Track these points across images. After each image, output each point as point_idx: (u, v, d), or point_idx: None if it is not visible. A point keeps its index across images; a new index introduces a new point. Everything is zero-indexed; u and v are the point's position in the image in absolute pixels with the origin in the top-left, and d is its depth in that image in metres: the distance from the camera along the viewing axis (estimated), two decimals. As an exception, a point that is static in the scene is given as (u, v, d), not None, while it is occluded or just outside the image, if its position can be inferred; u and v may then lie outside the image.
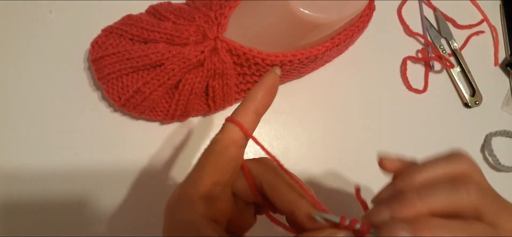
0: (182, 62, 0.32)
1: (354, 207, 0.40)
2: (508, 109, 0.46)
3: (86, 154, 0.36)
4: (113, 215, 0.36)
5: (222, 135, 0.23)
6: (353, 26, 0.37)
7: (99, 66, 0.34)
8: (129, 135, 0.38)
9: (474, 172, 0.23)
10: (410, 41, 0.47)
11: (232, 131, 0.23)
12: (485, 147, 0.44)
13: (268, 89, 0.24)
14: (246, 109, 0.24)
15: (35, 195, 0.35)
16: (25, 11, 0.39)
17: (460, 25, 0.48)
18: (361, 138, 0.42)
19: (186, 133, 0.39)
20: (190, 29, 0.33)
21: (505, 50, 0.49)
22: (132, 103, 0.34)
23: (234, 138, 0.23)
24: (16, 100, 0.37)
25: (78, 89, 0.38)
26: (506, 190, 0.44)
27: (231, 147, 0.23)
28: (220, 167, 0.23)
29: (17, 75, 0.37)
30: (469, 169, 0.23)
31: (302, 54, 0.34)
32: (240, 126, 0.23)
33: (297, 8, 0.30)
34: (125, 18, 0.35)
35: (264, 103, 0.24)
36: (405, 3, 0.47)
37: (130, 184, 0.36)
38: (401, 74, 0.45)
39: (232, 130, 0.23)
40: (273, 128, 0.41)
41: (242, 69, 0.35)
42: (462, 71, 0.46)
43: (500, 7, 0.50)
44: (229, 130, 0.23)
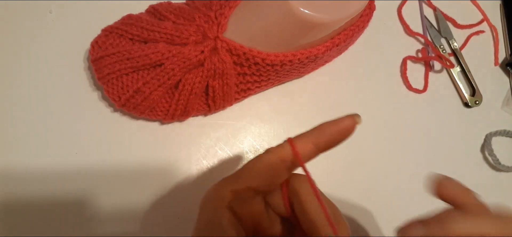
0: (182, 62, 0.32)
1: (354, 207, 0.40)
2: (508, 109, 0.46)
3: (86, 154, 0.36)
4: (113, 215, 0.36)
5: (276, 149, 0.24)
6: (353, 26, 0.37)
7: (99, 66, 0.34)
8: (129, 135, 0.38)
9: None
10: (410, 40, 0.47)
11: (285, 151, 0.23)
12: (485, 147, 0.44)
13: (340, 130, 0.23)
14: (308, 139, 0.23)
15: (35, 195, 0.35)
16: (25, 11, 0.39)
17: (460, 25, 0.48)
18: (360, 137, 0.42)
19: (186, 133, 0.39)
20: (190, 29, 0.33)
21: (505, 49, 0.49)
22: (132, 103, 0.34)
23: (284, 157, 0.23)
24: (16, 100, 0.37)
25: (78, 89, 0.38)
26: (506, 190, 0.44)
27: (278, 164, 0.23)
28: (260, 177, 0.23)
29: (17, 75, 0.37)
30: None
31: (302, 54, 0.34)
32: (294, 152, 0.23)
33: (297, 8, 0.30)
34: (125, 18, 0.35)
35: (330, 141, 0.23)
36: (405, 3, 0.47)
37: (130, 184, 0.36)
38: (401, 74, 0.45)
39: (286, 150, 0.23)
40: (273, 128, 0.41)
41: (242, 69, 0.35)
42: (462, 70, 0.46)
43: (500, 6, 0.50)
44: (284, 149, 0.23)
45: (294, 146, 0.23)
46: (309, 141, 0.23)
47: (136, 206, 0.36)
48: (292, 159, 0.23)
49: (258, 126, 0.40)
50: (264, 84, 0.37)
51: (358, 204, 0.40)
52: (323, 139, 0.23)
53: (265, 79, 0.36)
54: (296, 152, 0.23)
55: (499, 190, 0.44)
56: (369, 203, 0.40)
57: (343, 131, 0.23)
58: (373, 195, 0.40)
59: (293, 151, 0.23)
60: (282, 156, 0.23)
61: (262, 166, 0.23)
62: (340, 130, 0.23)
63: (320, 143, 0.23)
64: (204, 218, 0.23)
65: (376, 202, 0.40)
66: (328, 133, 0.23)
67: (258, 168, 0.23)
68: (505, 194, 0.44)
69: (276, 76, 0.37)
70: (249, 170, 0.24)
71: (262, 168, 0.23)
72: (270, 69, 0.35)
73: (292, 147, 0.23)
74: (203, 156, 0.38)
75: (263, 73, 0.35)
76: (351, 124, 0.23)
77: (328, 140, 0.23)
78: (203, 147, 0.39)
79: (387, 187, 0.41)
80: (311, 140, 0.23)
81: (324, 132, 0.23)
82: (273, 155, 0.23)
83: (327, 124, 0.23)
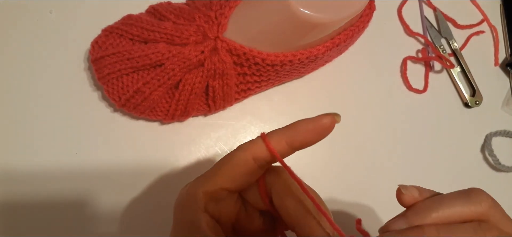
0: (182, 62, 0.33)
1: (353, 207, 0.40)
2: (508, 109, 0.46)
3: (86, 154, 0.36)
4: (113, 215, 0.36)
5: (247, 145, 0.22)
6: (353, 26, 0.37)
7: (99, 66, 0.34)
8: (129, 135, 0.38)
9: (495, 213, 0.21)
10: (410, 41, 0.47)
11: (258, 147, 0.22)
12: (485, 147, 0.44)
13: (317, 128, 0.22)
14: (282, 136, 0.22)
15: (35, 195, 0.35)
16: (25, 11, 0.39)
17: (460, 25, 0.48)
18: (360, 137, 0.42)
19: (186, 133, 0.39)
20: (190, 29, 0.33)
21: (505, 50, 0.49)
22: (132, 103, 0.34)
23: (257, 154, 0.22)
24: (16, 100, 0.37)
25: (78, 89, 0.38)
26: (506, 190, 0.44)
27: (251, 161, 0.22)
28: (233, 176, 0.22)
29: (17, 75, 0.37)
30: (489, 211, 0.21)
31: (302, 54, 0.34)
32: (268, 147, 0.22)
33: (297, 8, 0.30)
34: (125, 18, 0.35)
35: (305, 139, 0.22)
36: (405, 3, 0.47)
37: (130, 184, 0.36)
38: (401, 74, 0.45)
39: (259, 146, 0.22)
40: (273, 128, 0.40)
41: (242, 69, 0.35)
42: (462, 71, 0.46)
43: (500, 7, 0.50)
44: (256, 144, 0.22)
45: (268, 143, 0.22)
46: (283, 139, 0.22)
47: (136, 206, 0.36)
48: (265, 157, 0.22)
49: (258, 126, 0.40)
50: (264, 84, 0.37)
51: (357, 204, 0.40)
52: (298, 138, 0.22)
53: (265, 79, 0.36)
54: (271, 149, 0.22)
55: (499, 190, 0.44)
56: (368, 203, 0.40)
57: (320, 130, 0.22)
58: (373, 195, 0.40)
59: (268, 148, 0.22)
60: (255, 153, 0.22)
61: (234, 166, 0.22)
62: (316, 129, 0.21)
63: (294, 141, 0.22)
64: (181, 221, 0.22)
65: (375, 202, 0.40)
66: (303, 131, 0.22)
67: (230, 167, 0.22)
68: (505, 194, 0.44)
69: (276, 76, 0.37)
70: (222, 170, 0.22)
71: (235, 167, 0.22)
72: (270, 69, 0.35)
73: (267, 144, 0.22)
74: (203, 156, 0.38)
75: (263, 73, 0.35)
76: (329, 123, 0.22)
77: (303, 139, 0.22)
78: (203, 147, 0.39)
79: (387, 187, 0.41)
80: (284, 138, 0.22)
81: (299, 130, 0.22)
82: (245, 152, 0.22)
83: (303, 121, 0.22)
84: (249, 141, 0.23)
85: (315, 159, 0.40)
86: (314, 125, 0.21)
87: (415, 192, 0.23)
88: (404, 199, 0.23)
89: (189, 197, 0.23)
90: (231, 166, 0.22)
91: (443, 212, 0.21)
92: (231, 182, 0.23)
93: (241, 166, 0.22)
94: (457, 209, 0.21)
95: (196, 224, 0.21)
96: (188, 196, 0.23)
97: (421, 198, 0.23)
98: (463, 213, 0.21)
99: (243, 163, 0.22)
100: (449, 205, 0.21)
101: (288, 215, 0.22)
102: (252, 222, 0.25)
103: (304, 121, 0.22)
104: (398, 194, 0.23)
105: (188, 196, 0.23)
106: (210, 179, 0.23)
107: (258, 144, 0.22)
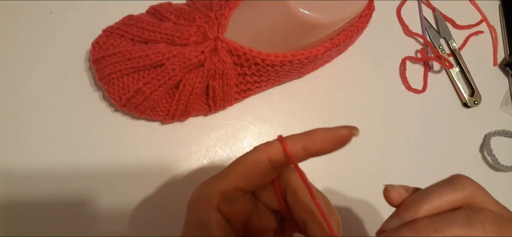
0: (183, 62, 0.33)
1: (353, 207, 0.40)
2: (507, 109, 0.46)
3: (87, 154, 0.37)
4: (113, 215, 0.36)
5: (263, 147, 0.23)
6: (352, 27, 0.37)
7: (100, 66, 0.34)
8: (130, 135, 0.38)
9: (480, 195, 0.22)
10: (409, 41, 0.47)
11: (274, 149, 0.22)
12: (484, 146, 0.44)
13: (333, 139, 0.22)
14: (299, 141, 0.22)
15: (35, 195, 0.35)
16: (26, 11, 0.39)
17: (459, 25, 0.48)
18: (360, 138, 0.42)
19: (186, 133, 0.39)
20: (191, 29, 0.33)
21: (504, 50, 0.49)
22: (133, 103, 0.34)
23: (272, 156, 0.22)
24: (16, 100, 0.37)
25: (79, 90, 0.38)
26: (505, 190, 0.44)
27: (266, 163, 0.22)
28: (247, 177, 0.23)
29: (17, 75, 0.37)
30: (474, 193, 0.22)
31: (301, 54, 0.34)
32: (285, 149, 0.22)
33: (297, 9, 0.30)
34: (126, 19, 0.35)
35: (320, 148, 0.22)
36: (405, 4, 0.47)
37: (131, 184, 0.37)
38: (400, 74, 0.45)
39: (275, 149, 0.22)
40: (273, 128, 0.41)
41: (242, 69, 0.35)
42: (461, 71, 0.46)
43: (499, 7, 0.50)
44: (272, 146, 0.22)
45: (286, 146, 0.22)
46: (299, 144, 0.22)
47: (137, 206, 0.36)
48: (280, 159, 0.22)
49: (258, 126, 0.40)
50: (264, 84, 0.38)
51: (356, 204, 0.40)
52: (314, 145, 0.22)
53: (265, 79, 0.36)
54: (288, 151, 0.22)
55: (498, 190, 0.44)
56: (367, 203, 0.40)
57: (336, 141, 0.22)
58: (372, 195, 0.40)
59: (285, 150, 0.22)
60: (271, 155, 0.22)
61: (249, 166, 0.23)
62: (333, 139, 0.22)
63: (311, 148, 0.22)
64: (192, 219, 0.23)
65: (375, 202, 0.40)
66: (320, 140, 0.22)
67: (245, 168, 0.23)
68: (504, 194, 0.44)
69: (276, 76, 0.37)
70: (236, 169, 0.23)
71: (250, 168, 0.23)
72: (270, 70, 0.35)
73: (284, 146, 0.22)
74: (203, 156, 0.39)
75: (263, 74, 0.35)
76: (347, 136, 0.22)
77: (319, 147, 0.22)
78: (203, 147, 0.39)
79: (387, 186, 0.41)
80: (301, 144, 0.22)
81: (316, 138, 0.22)
82: (261, 154, 0.22)
83: (321, 130, 0.22)
84: (265, 143, 0.23)
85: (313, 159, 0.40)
86: (331, 135, 0.22)
87: (401, 189, 0.23)
88: (392, 196, 0.23)
89: (202, 196, 0.23)
90: (246, 166, 0.23)
91: (432, 203, 0.21)
92: (245, 182, 0.23)
93: (256, 167, 0.22)
94: (446, 198, 0.21)
95: (206, 222, 0.21)
96: (201, 195, 0.23)
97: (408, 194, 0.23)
98: (452, 200, 0.21)
99: (258, 164, 0.22)
100: (437, 195, 0.21)
101: (302, 213, 0.22)
102: (263, 222, 0.25)
103: (322, 130, 0.22)
104: (385, 194, 0.23)
105: (201, 195, 0.23)
106: (224, 178, 0.23)
107: (274, 146, 0.22)
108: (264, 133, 0.40)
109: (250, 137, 0.40)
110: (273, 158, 0.22)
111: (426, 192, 0.22)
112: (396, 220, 0.22)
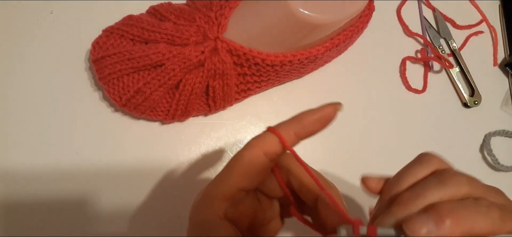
0: (183, 62, 0.33)
1: (352, 207, 0.40)
2: (507, 109, 0.46)
3: (87, 154, 0.37)
4: (113, 215, 0.36)
5: (256, 142, 0.23)
6: (352, 27, 0.37)
7: (100, 66, 0.34)
8: (130, 135, 0.38)
9: (444, 165, 0.23)
10: (409, 41, 0.47)
11: (268, 142, 0.22)
12: (484, 146, 0.44)
13: (321, 118, 0.23)
14: (289, 127, 0.23)
15: (35, 195, 0.35)
16: (26, 12, 0.39)
17: (459, 25, 0.48)
18: (360, 138, 0.42)
19: (186, 133, 0.39)
20: (191, 29, 0.33)
21: (504, 50, 0.49)
22: (133, 103, 0.35)
23: (267, 149, 0.23)
24: (17, 100, 0.37)
25: (79, 90, 0.38)
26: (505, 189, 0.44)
27: (262, 157, 0.23)
28: (248, 175, 0.23)
29: (18, 75, 0.37)
30: (440, 165, 0.23)
31: (301, 54, 0.34)
32: (280, 139, 0.22)
33: (297, 9, 0.30)
34: (126, 19, 0.35)
35: (311, 129, 0.23)
36: (405, 4, 0.47)
37: (131, 184, 0.37)
38: (401, 74, 0.45)
39: (269, 141, 0.22)
40: (273, 128, 0.41)
41: (242, 69, 0.35)
42: (461, 71, 0.46)
43: (499, 7, 0.50)
44: (266, 139, 0.23)
45: (280, 135, 0.22)
46: (290, 130, 0.23)
47: (137, 206, 0.36)
48: (276, 151, 0.23)
49: (258, 126, 0.40)
50: (264, 84, 0.38)
51: (356, 205, 0.40)
52: (305, 129, 0.23)
53: (265, 79, 0.36)
54: (285, 142, 0.22)
55: (498, 190, 0.44)
56: (367, 204, 0.40)
57: (323, 119, 0.23)
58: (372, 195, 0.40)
59: (282, 141, 0.22)
60: (265, 148, 0.22)
61: (248, 164, 0.22)
62: (320, 119, 0.23)
63: (301, 132, 0.23)
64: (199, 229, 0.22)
65: (375, 203, 0.40)
66: (308, 121, 0.23)
67: (244, 167, 0.22)
68: (504, 193, 0.44)
69: (276, 76, 0.37)
70: (236, 170, 0.23)
71: (249, 166, 0.22)
72: (270, 70, 0.35)
73: (280, 137, 0.22)
74: (204, 156, 0.39)
75: (263, 74, 0.35)
76: (332, 112, 0.23)
77: (309, 130, 0.23)
78: (203, 147, 0.39)
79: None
80: (292, 129, 0.23)
81: (304, 120, 0.23)
82: (255, 149, 0.23)
83: (307, 113, 0.23)
84: (256, 137, 0.23)
85: (315, 159, 0.40)
86: (319, 116, 0.23)
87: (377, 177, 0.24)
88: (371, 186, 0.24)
89: (206, 203, 0.23)
90: (243, 165, 0.22)
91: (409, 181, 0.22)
92: (247, 181, 0.23)
93: (254, 164, 0.22)
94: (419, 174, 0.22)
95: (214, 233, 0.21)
96: (205, 201, 0.23)
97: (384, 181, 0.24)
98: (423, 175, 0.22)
99: (256, 160, 0.22)
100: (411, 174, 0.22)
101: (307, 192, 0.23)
102: (267, 213, 0.25)
103: (309, 113, 0.23)
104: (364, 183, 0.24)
105: (205, 201, 0.23)
106: (225, 181, 0.23)
107: (267, 139, 0.23)
108: (264, 133, 0.40)
109: (250, 137, 0.40)
110: (269, 151, 0.23)
111: (401, 173, 0.23)
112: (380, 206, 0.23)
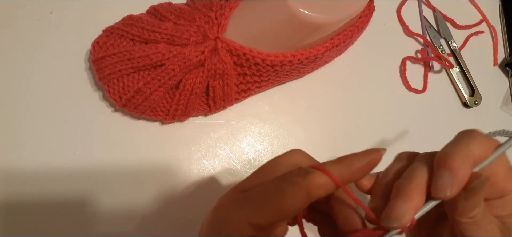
0: (183, 62, 0.33)
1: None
2: (507, 109, 0.46)
3: (87, 154, 0.37)
4: (113, 215, 0.36)
5: (300, 180, 0.21)
6: (352, 27, 0.37)
7: (100, 66, 0.34)
8: (130, 135, 0.38)
9: None
10: (409, 41, 0.47)
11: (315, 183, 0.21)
12: (484, 147, 0.44)
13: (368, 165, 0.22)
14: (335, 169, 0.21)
15: (35, 195, 0.35)
16: (26, 12, 0.39)
17: (459, 25, 0.48)
18: (360, 138, 0.42)
19: (186, 133, 0.39)
20: (191, 29, 0.33)
21: (504, 50, 0.49)
22: (133, 103, 0.35)
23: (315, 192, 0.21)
24: (17, 100, 0.37)
25: (79, 90, 0.38)
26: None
27: (305, 199, 0.21)
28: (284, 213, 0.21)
29: (18, 75, 0.37)
30: None
31: (302, 54, 0.34)
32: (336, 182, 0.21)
33: (297, 9, 0.30)
34: (126, 19, 0.35)
35: (357, 176, 0.22)
36: (405, 4, 0.47)
37: (131, 184, 0.37)
38: (401, 74, 0.45)
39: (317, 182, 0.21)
40: (273, 128, 0.41)
41: (242, 69, 0.35)
42: (462, 71, 0.46)
43: (499, 7, 0.50)
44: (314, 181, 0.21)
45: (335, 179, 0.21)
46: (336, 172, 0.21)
47: (137, 206, 0.36)
48: (320, 194, 0.21)
49: (258, 126, 0.40)
50: (264, 84, 0.38)
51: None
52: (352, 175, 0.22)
53: (265, 79, 0.36)
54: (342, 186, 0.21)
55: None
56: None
57: (370, 165, 0.22)
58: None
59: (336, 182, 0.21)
60: (313, 190, 0.21)
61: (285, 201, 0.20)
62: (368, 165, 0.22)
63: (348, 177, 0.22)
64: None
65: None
66: (357, 168, 0.22)
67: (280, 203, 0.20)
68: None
69: (276, 76, 0.37)
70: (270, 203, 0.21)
71: (286, 203, 0.20)
72: (270, 70, 0.35)
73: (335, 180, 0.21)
74: (204, 156, 0.39)
75: (263, 74, 0.35)
76: (378, 158, 0.22)
77: (356, 175, 0.22)
78: (203, 147, 0.39)
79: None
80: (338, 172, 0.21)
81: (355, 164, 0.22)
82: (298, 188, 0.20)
83: (357, 157, 0.22)
84: (300, 175, 0.21)
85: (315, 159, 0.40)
86: (367, 162, 0.22)
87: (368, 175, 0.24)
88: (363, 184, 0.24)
89: (232, 227, 0.21)
90: (281, 201, 0.20)
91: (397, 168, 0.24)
92: (280, 217, 0.21)
93: (293, 203, 0.20)
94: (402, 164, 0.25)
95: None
96: (230, 224, 0.21)
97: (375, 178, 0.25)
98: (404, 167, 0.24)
99: (296, 199, 0.20)
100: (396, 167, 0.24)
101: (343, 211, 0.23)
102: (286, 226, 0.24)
103: (357, 159, 0.22)
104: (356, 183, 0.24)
105: (230, 224, 0.21)
106: (257, 210, 0.21)
107: (316, 181, 0.21)
108: (264, 133, 0.40)
109: (250, 137, 0.40)
110: (313, 194, 0.21)
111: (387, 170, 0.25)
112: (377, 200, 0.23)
